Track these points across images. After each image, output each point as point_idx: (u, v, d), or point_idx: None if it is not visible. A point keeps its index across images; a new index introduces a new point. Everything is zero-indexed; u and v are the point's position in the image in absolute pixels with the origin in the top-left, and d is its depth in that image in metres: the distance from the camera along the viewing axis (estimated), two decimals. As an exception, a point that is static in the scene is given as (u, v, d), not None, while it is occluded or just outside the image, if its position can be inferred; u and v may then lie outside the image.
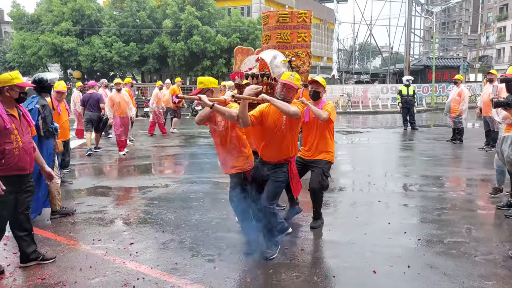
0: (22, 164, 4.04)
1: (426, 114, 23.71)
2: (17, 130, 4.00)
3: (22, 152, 4.03)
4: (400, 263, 4.18)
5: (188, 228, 5.29)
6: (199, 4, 29.26)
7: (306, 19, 8.13)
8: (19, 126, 4.05)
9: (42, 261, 4.28)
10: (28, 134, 4.18)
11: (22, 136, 4.05)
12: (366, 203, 6.34)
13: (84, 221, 5.71)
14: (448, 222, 5.45)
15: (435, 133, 15.04)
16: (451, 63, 32.89)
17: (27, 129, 4.18)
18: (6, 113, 3.94)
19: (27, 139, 4.12)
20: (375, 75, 36.73)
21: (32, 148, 4.21)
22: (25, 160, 4.06)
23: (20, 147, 4.00)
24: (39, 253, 4.32)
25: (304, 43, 7.96)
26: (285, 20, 8.04)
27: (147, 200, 6.66)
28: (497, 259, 4.25)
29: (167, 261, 4.32)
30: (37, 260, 4.28)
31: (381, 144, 12.58)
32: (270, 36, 7.81)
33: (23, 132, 4.08)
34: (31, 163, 4.19)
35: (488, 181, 7.36)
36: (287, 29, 8.03)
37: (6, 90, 3.98)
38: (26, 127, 4.17)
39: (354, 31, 35.05)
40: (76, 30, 29.12)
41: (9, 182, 3.91)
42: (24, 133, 4.10)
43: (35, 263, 4.26)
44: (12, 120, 3.99)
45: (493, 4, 55.63)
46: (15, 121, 4.02)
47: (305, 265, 4.20)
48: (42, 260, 4.29)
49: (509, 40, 52.36)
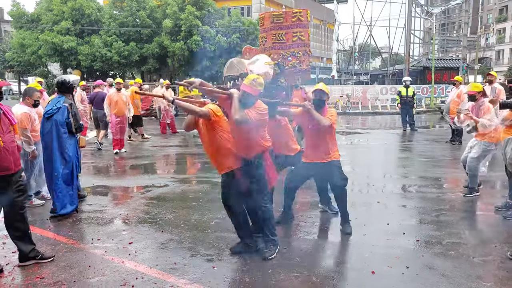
0: (5, 164, 3.98)
1: (425, 115, 23.73)
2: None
3: (4, 152, 3.96)
4: (399, 264, 4.18)
5: (187, 228, 5.30)
6: (199, 4, 29.26)
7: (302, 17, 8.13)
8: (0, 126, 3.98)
9: (40, 260, 4.28)
10: (9, 133, 4.10)
11: (2, 135, 3.98)
12: (365, 203, 6.35)
13: (83, 220, 5.71)
14: (446, 223, 5.46)
15: (434, 134, 15.06)
16: (450, 64, 32.90)
17: (8, 128, 4.09)
18: None
19: (8, 138, 4.04)
20: (375, 76, 36.74)
21: (15, 147, 4.15)
22: (8, 160, 4.00)
23: (1, 147, 3.94)
24: (38, 252, 4.32)
25: (301, 42, 7.95)
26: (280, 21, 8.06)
27: (146, 199, 6.66)
28: (495, 261, 4.26)
29: (166, 260, 4.32)
30: (35, 259, 4.27)
31: (380, 145, 12.59)
32: (266, 38, 7.84)
33: (3, 131, 4.01)
34: (15, 162, 4.12)
35: (487, 182, 7.37)
36: (282, 29, 8.04)
37: None
38: (7, 126, 4.09)
39: (354, 32, 35.09)
40: (76, 30, 29.09)
41: None
42: (5, 132, 4.03)
43: (34, 262, 4.26)
44: None
45: (493, 6, 55.72)
46: None
47: (304, 265, 4.21)
48: (41, 259, 4.29)
49: (508, 41, 52.42)
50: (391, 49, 35.66)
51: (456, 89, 11.59)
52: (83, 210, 6.16)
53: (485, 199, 6.53)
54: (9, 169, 4.04)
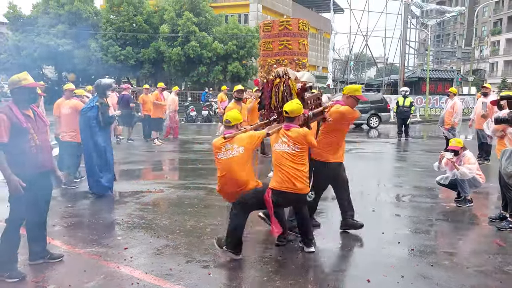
0: (40, 162, 4.13)
1: (420, 125, 23.88)
2: (33, 130, 4.08)
3: (39, 151, 4.12)
4: (394, 272, 4.21)
5: (182, 233, 5.29)
6: (197, 10, 29.36)
7: (290, 26, 8.28)
8: (35, 126, 4.14)
9: (50, 259, 4.37)
10: (44, 133, 4.27)
11: (38, 135, 4.14)
12: (360, 212, 6.35)
13: (79, 224, 5.69)
14: (441, 233, 5.50)
15: (429, 144, 15.15)
16: (445, 75, 33.22)
17: (43, 129, 4.28)
18: (21, 114, 4.04)
19: (43, 137, 4.22)
20: (370, 86, 36.97)
21: (49, 147, 4.33)
22: (42, 158, 4.16)
23: (37, 145, 4.09)
24: (48, 251, 4.42)
25: (288, 51, 8.10)
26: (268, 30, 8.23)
27: (142, 205, 6.64)
28: (489, 271, 4.29)
29: (162, 266, 4.31)
30: (45, 258, 4.37)
31: (375, 155, 12.66)
32: (261, 46, 8.06)
33: (39, 131, 4.18)
34: (50, 160, 4.31)
35: (480, 193, 7.42)
36: (269, 38, 8.22)
37: (15, 92, 4.09)
38: (42, 126, 4.26)
39: (350, 41, 35.38)
40: (72, 33, 29.03)
41: (28, 179, 3.95)
42: (41, 132, 4.20)
43: (43, 261, 4.35)
44: (28, 120, 4.09)
45: (488, 19, 56.38)
46: (31, 121, 4.11)
47: (300, 272, 4.21)
48: (50, 259, 4.38)
49: (502, 54, 53.01)
50: (386, 59, 35.96)
51: (451, 100, 11.70)
52: (79, 214, 6.14)
53: (479, 210, 6.58)
54: (44, 167, 4.20)
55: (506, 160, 5.46)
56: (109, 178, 7.08)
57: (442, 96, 27.21)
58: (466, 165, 6.53)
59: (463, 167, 6.47)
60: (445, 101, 13.29)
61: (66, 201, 6.83)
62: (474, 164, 6.62)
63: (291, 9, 45.02)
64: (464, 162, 6.59)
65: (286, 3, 44.51)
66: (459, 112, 11.34)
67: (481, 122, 9.78)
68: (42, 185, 4.21)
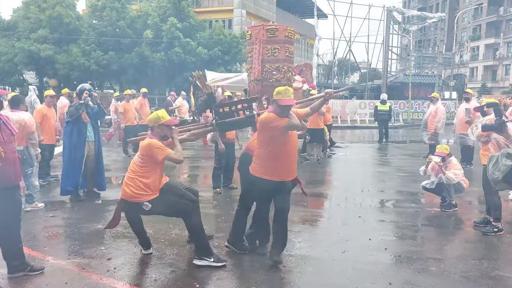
0: (8, 176, 3.86)
1: (403, 129, 24.13)
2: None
3: (6, 163, 3.82)
4: (381, 280, 4.18)
5: (167, 243, 5.19)
6: (181, 15, 29.25)
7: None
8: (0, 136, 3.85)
9: (30, 272, 4.15)
10: (11, 143, 3.97)
11: (4, 145, 3.84)
12: (346, 218, 6.36)
13: (60, 234, 5.54)
14: (427, 239, 5.51)
15: (412, 149, 15.29)
16: (426, 80, 33.63)
17: (9, 138, 3.96)
18: None
19: (10, 148, 3.92)
20: (354, 91, 37.25)
21: (16, 158, 4.04)
22: (10, 171, 3.89)
23: (1, 158, 3.78)
24: (27, 263, 4.19)
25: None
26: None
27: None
28: (476, 277, 4.30)
29: (146, 277, 4.22)
30: (25, 271, 4.14)
31: (359, 159, 12.70)
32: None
33: (5, 141, 3.87)
34: (17, 174, 4.01)
35: (463, 198, 7.48)
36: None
37: None
38: (8, 136, 3.95)
39: (334, 47, 35.59)
40: (53, 38, 28.63)
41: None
42: (7, 143, 3.89)
43: (23, 274, 4.13)
44: None
45: (467, 25, 57.42)
46: None
47: (287, 281, 4.16)
48: (30, 271, 4.16)
49: (482, 59, 54.00)
50: (369, 64, 36.29)
51: (433, 105, 11.82)
52: (59, 224, 5.98)
53: (463, 215, 6.63)
54: (12, 181, 3.94)
55: (493, 166, 5.49)
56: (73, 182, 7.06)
57: (425, 101, 27.54)
58: (452, 170, 6.62)
59: (449, 172, 6.56)
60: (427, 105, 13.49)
61: (47, 210, 6.64)
62: (460, 170, 6.71)
63: (275, 14, 45.17)
64: (449, 167, 6.68)
65: (270, 9, 44.65)
66: (442, 117, 11.47)
67: (464, 128, 9.89)
68: (9, 201, 3.93)
